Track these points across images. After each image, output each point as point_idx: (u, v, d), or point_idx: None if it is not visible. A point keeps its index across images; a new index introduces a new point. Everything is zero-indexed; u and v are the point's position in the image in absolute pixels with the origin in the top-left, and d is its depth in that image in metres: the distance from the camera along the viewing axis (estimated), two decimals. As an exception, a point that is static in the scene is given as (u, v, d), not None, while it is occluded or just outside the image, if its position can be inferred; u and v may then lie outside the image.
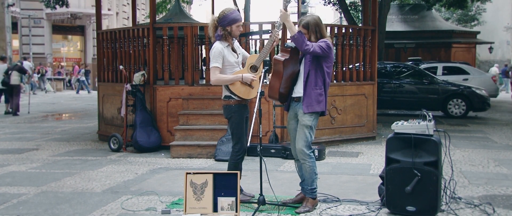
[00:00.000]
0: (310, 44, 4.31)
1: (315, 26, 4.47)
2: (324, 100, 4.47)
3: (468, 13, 33.95)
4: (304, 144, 4.48)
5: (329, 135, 8.33)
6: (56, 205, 4.80)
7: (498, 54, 34.62)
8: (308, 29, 4.46)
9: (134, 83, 8.04)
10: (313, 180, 4.54)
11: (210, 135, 7.43)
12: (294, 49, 4.47)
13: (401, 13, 24.97)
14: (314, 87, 4.42)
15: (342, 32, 8.64)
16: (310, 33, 4.46)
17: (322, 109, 4.47)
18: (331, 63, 4.52)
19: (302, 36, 4.31)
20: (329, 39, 4.52)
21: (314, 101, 4.43)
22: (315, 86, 4.42)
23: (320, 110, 4.47)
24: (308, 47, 4.28)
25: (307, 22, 4.48)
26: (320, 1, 23.86)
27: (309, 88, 4.43)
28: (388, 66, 13.71)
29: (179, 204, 4.70)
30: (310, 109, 4.42)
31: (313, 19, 4.54)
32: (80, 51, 32.32)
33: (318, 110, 4.46)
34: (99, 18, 9.67)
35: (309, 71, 4.43)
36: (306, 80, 4.43)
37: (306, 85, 4.43)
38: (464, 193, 5.14)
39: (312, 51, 4.31)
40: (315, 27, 4.47)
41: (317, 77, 4.43)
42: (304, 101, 4.44)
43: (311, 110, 4.43)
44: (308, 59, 4.44)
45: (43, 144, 8.76)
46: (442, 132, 4.51)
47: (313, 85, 4.42)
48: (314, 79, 4.42)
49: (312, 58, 4.42)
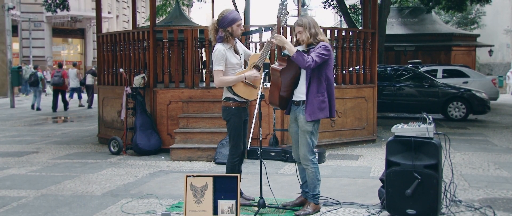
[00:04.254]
0: (309, 59, 4.29)
1: (309, 23, 4.48)
2: (327, 107, 4.45)
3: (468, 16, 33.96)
4: (307, 149, 4.48)
5: (329, 138, 8.33)
6: (56, 208, 4.80)
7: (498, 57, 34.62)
8: (303, 26, 4.48)
9: (134, 86, 8.05)
10: (315, 186, 4.53)
11: (210, 138, 7.43)
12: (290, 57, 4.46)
13: (401, 16, 24.99)
14: (316, 95, 4.42)
15: (342, 35, 8.65)
16: (306, 30, 4.47)
17: (325, 115, 4.46)
18: (331, 66, 4.52)
19: (300, 55, 4.29)
20: (326, 40, 4.54)
21: (317, 109, 4.42)
22: (317, 93, 4.42)
23: (324, 117, 4.46)
24: (309, 63, 4.28)
25: (302, 20, 4.51)
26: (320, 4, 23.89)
27: (311, 96, 4.42)
28: (388, 69, 13.72)
29: (179, 207, 4.70)
30: (313, 117, 4.42)
31: (306, 17, 4.58)
32: (80, 54, 32.34)
33: (321, 118, 4.46)
34: (99, 21, 9.68)
35: (311, 79, 4.42)
36: (308, 87, 4.43)
37: (308, 93, 4.43)
38: (465, 196, 5.13)
39: (314, 65, 4.32)
40: (309, 24, 4.48)
41: (319, 84, 4.42)
42: (307, 109, 4.42)
43: (314, 118, 4.42)
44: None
45: (43, 147, 8.76)
46: (442, 135, 4.51)
47: (315, 92, 4.42)
48: (316, 87, 4.42)
49: None
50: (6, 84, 21.81)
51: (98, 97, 9.66)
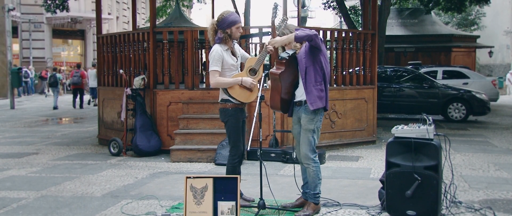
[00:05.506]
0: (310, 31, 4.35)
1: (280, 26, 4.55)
2: (324, 96, 4.48)
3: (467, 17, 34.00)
4: (308, 148, 4.49)
5: (329, 139, 8.33)
6: (56, 210, 4.79)
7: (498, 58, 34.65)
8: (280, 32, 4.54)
9: (134, 87, 8.05)
10: (316, 185, 4.53)
11: (210, 139, 7.43)
12: (288, 60, 4.45)
13: (401, 17, 25.02)
14: (314, 84, 4.43)
15: (342, 36, 8.66)
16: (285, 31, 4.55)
17: (323, 104, 4.48)
18: (325, 55, 4.53)
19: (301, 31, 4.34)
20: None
21: (317, 98, 4.43)
22: (315, 82, 4.43)
23: (322, 105, 4.47)
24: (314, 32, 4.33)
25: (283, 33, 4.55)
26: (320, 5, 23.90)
27: (310, 85, 4.43)
28: (388, 70, 13.72)
29: (179, 209, 4.70)
30: (315, 106, 4.42)
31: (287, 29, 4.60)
32: (80, 55, 32.36)
33: (321, 106, 4.46)
34: (99, 22, 9.68)
35: (307, 69, 4.42)
36: (305, 78, 4.43)
37: (306, 83, 4.43)
38: (465, 197, 5.13)
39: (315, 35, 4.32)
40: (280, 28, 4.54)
41: (316, 73, 4.43)
42: (307, 99, 4.43)
43: (316, 107, 4.42)
44: (303, 58, 4.43)
45: (43, 148, 8.76)
46: (442, 136, 4.51)
47: (313, 82, 4.42)
48: (313, 76, 4.42)
49: (307, 56, 4.42)
50: (6, 85, 21.82)
51: (98, 98, 9.66)
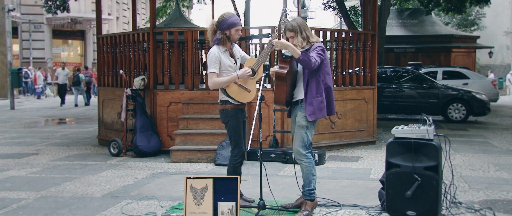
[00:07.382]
0: (313, 58, 4.32)
1: (299, 26, 4.50)
2: (325, 107, 4.50)
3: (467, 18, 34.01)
4: (300, 144, 4.50)
5: (329, 140, 8.33)
6: (56, 210, 4.79)
7: (498, 58, 34.66)
8: (295, 31, 4.49)
9: (134, 87, 8.05)
10: (310, 181, 4.53)
11: (210, 140, 7.43)
12: (292, 58, 4.47)
13: (401, 18, 25.03)
14: (315, 95, 4.44)
15: (342, 36, 8.65)
16: (297, 34, 4.48)
17: (323, 115, 4.50)
18: (328, 66, 4.54)
19: (306, 56, 4.31)
20: (319, 41, 4.59)
21: (317, 109, 4.45)
22: (316, 94, 4.44)
23: (323, 116, 4.51)
24: (316, 63, 4.32)
25: (292, 25, 4.51)
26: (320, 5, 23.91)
27: (311, 96, 4.44)
28: (388, 70, 13.72)
29: (179, 209, 4.69)
30: (313, 118, 4.45)
31: (295, 21, 4.57)
32: (80, 55, 32.36)
33: (321, 117, 4.50)
34: (99, 23, 9.68)
35: (309, 80, 4.44)
36: (306, 88, 4.45)
37: (307, 93, 4.45)
38: (465, 197, 5.13)
39: (318, 64, 4.34)
40: (299, 28, 4.50)
41: (318, 85, 4.44)
42: (307, 109, 4.44)
43: (314, 118, 4.45)
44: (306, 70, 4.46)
45: (43, 148, 8.76)
46: (442, 137, 4.51)
47: (314, 93, 4.44)
48: (315, 87, 4.44)
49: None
50: (6, 86, 21.82)
51: (98, 98, 9.66)
